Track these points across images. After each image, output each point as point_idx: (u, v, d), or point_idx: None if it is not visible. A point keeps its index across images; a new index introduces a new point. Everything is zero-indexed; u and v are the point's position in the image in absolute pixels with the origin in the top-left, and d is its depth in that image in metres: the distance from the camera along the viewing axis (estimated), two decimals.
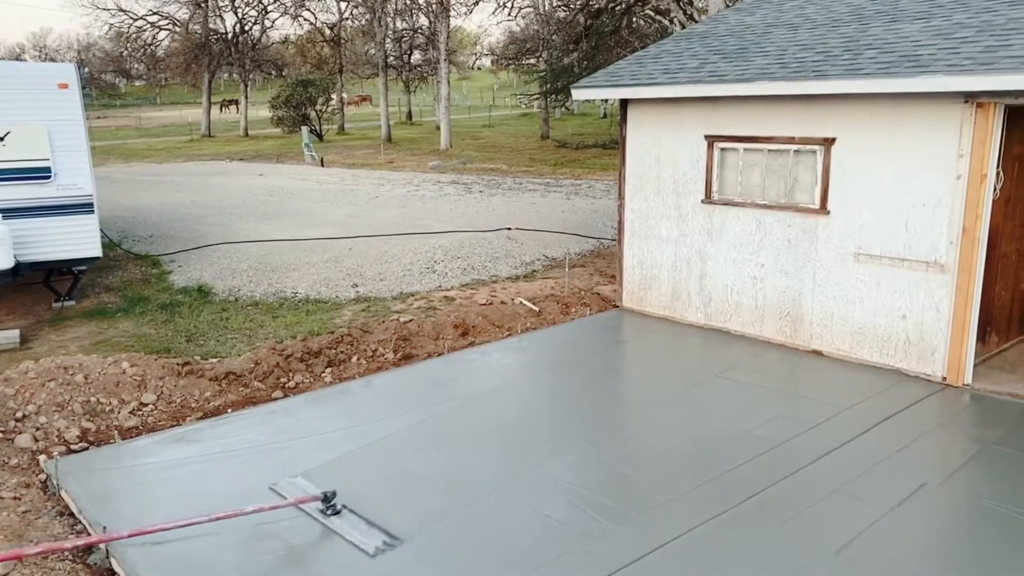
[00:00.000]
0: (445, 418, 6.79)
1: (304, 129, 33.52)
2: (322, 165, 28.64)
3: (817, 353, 8.18)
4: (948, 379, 7.29)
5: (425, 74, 55.24)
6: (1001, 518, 5.07)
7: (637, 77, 9.04)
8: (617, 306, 10.25)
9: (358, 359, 8.63)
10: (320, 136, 40.25)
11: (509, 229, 13.91)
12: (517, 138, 40.09)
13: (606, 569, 4.56)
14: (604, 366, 8.14)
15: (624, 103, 9.53)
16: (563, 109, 51.44)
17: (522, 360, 8.36)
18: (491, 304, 10.22)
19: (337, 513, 5.16)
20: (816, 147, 7.89)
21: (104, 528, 4.97)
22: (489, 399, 7.20)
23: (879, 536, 4.87)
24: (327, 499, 5.20)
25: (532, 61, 45.08)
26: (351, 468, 5.89)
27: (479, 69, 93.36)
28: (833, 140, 7.74)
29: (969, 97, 6.75)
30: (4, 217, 8.70)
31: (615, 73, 9.46)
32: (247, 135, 46.30)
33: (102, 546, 4.89)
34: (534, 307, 10.15)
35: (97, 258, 9.87)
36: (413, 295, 10.71)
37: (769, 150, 8.31)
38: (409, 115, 57.28)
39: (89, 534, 5.09)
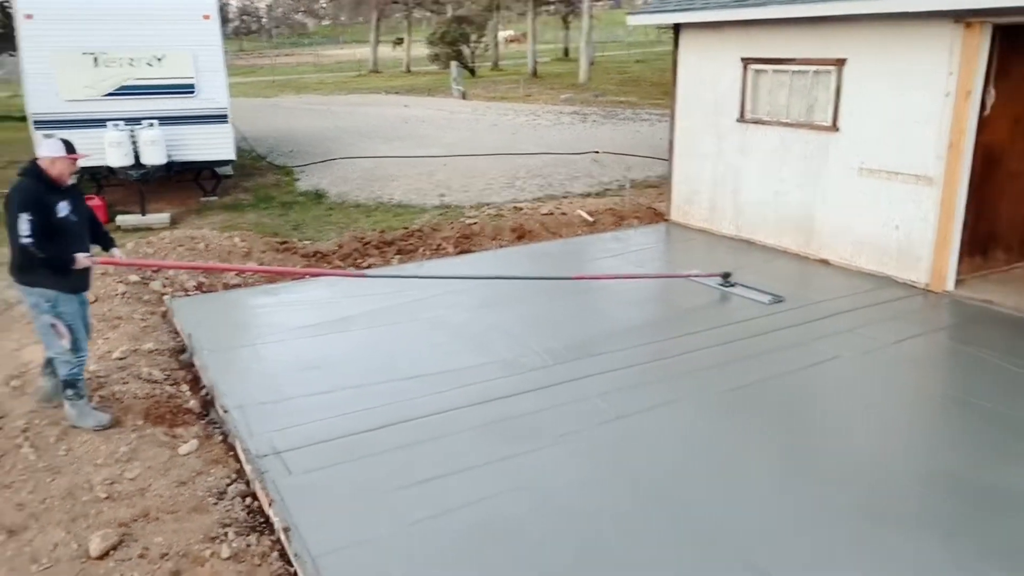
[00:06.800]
0: (467, 292, 8.24)
1: (453, 64, 35.40)
2: (464, 98, 30.46)
3: (824, 262, 8.84)
4: (931, 286, 7.82)
5: (580, 11, 55.32)
6: (885, 383, 5.89)
7: (681, 3, 9.80)
8: (667, 220, 11.18)
9: (423, 250, 10.24)
10: (472, 72, 42.09)
11: (596, 153, 14.94)
12: (663, 73, 39.86)
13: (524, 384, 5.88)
14: (620, 263, 9.20)
15: (677, 28, 10.31)
16: None
17: (553, 257, 9.60)
18: (552, 214, 11.48)
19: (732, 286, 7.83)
20: (831, 68, 8.43)
21: (190, 335, 6.92)
22: (508, 281, 8.55)
23: (763, 387, 5.84)
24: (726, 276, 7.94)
25: None
26: (381, 316, 7.50)
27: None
28: (844, 61, 8.26)
29: (959, 17, 7.13)
30: (160, 123, 11.00)
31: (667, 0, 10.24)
32: (409, 71, 49.12)
33: (189, 347, 6.84)
34: (588, 218, 11.30)
35: (231, 160, 12.08)
36: (488, 205, 12.17)
37: (793, 71, 8.91)
38: (565, 51, 57.86)
39: (184, 342, 7.08)
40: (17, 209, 5.01)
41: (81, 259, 5.33)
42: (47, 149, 5.23)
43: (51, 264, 5.19)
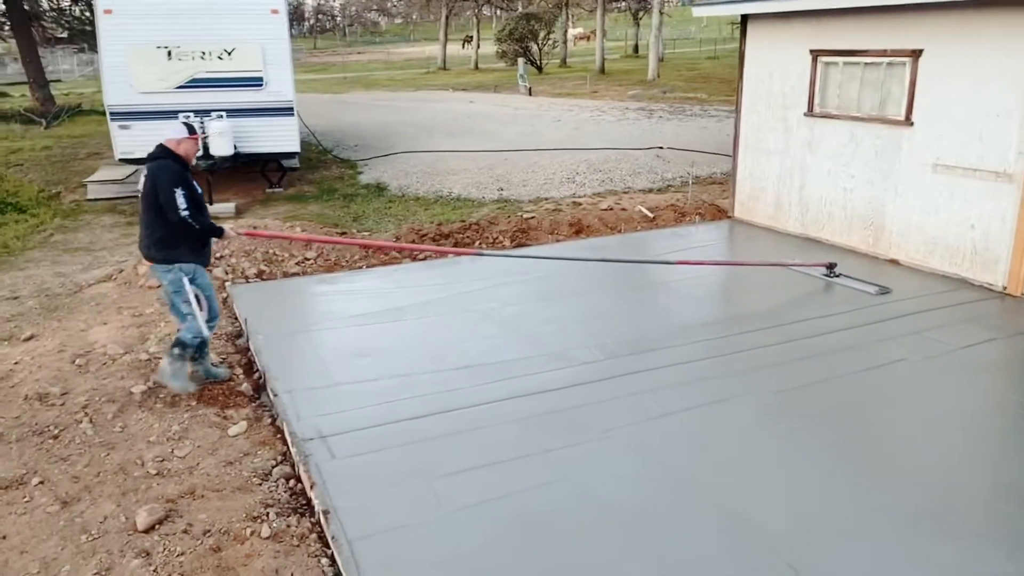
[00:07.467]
0: (522, 285, 8.18)
1: (520, 61, 35.39)
2: (530, 94, 30.39)
3: (894, 262, 8.47)
4: (1008, 288, 7.40)
5: (651, 7, 54.68)
6: (952, 388, 5.59)
7: None
8: (730, 216, 10.90)
9: (480, 243, 10.22)
10: (540, 68, 42.00)
11: (660, 148, 14.69)
12: (734, 69, 39.05)
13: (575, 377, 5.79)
14: (674, 256, 8.98)
15: (744, 20, 10.03)
16: None
17: (610, 251, 9.45)
18: (611, 210, 11.33)
19: (836, 276, 7.86)
20: (905, 59, 8.06)
21: (246, 320, 7.05)
22: (562, 272, 8.45)
23: (821, 388, 5.61)
24: (830, 267, 7.92)
25: None
26: (434, 307, 7.51)
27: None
28: (920, 52, 7.88)
29: None
30: (228, 115, 11.28)
31: None
32: (477, 68, 49.28)
33: (245, 332, 6.97)
34: (648, 213, 11.11)
35: (296, 153, 12.29)
36: (547, 199, 12.09)
37: (865, 63, 8.55)
38: (635, 48, 57.25)
39: (241, 327, 7.22)
40: (171, 186, 5.29)
41: (228, 230, 5.63)
42: (172, 132, 5.55)
43: (204, 235, 5.54)
